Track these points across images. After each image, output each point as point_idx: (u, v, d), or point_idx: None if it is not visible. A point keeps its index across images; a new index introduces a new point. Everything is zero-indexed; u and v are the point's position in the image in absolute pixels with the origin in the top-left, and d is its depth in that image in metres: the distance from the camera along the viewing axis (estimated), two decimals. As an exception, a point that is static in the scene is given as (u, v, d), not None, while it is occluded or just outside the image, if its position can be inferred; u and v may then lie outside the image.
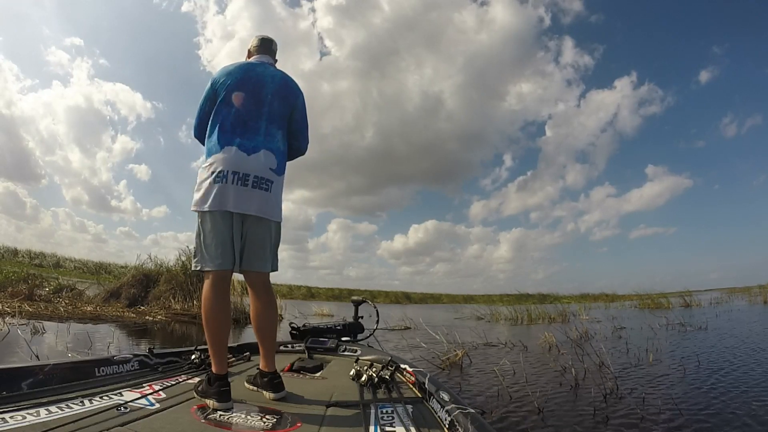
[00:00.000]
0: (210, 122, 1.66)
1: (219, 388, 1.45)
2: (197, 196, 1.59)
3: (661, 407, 2.39)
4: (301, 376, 2.02)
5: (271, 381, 1.60)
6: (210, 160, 1.59)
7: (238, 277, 1.77)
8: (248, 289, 1.69)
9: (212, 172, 1.56)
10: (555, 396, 2.69)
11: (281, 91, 1.72)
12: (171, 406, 1.40)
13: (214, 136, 1.61)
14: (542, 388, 2.84)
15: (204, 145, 1.68)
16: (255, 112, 1.65)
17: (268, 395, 1.58)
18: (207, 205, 1.56)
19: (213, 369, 1.52)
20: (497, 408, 2.41)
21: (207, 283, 1.56)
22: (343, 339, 2.84)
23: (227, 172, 1.55)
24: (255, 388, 1.65)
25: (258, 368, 1.68)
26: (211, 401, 1.43)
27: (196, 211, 1.60)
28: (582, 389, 2.84)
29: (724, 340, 5.03)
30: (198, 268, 1.60)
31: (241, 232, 1.59)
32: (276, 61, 1.89)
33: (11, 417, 1.16)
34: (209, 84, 1.70)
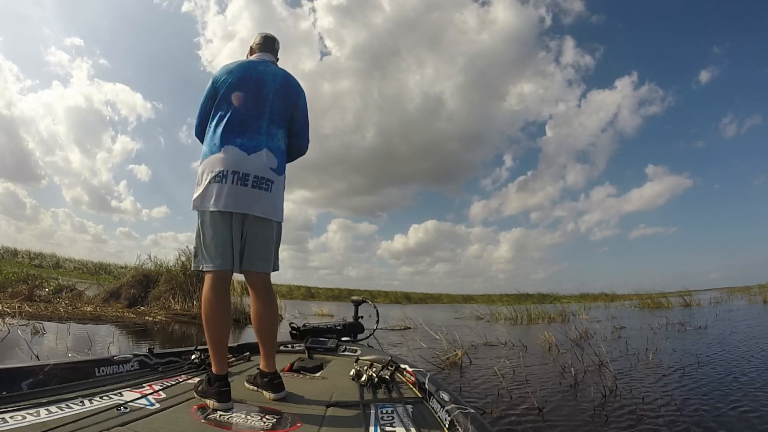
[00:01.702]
0: (210, 121, 1.64)
1: (219, 389, 1.44)
2: (196, 195, 1.58)
3: (661, 406, 2.39)
4: (301, 376, 2.02)
5: (271, 381, 1.60)
6: (209, 159, 1.58)
7: (238, 277, 1.77)
8: (249, 289, 1.69)
9: (212, 172, 1.55)
10: (555, 395, 2.69)
11: (282, 90, 1.71)
12: (171, 406, 1.40)
13: (214, 135, 1.60)
14: (542, 388, 2.84)
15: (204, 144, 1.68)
16: (256, 111, 1.63)
17: (268, 395, 1.58)
18: (206, 205, 1.55)
19: (213, 369, 1.51)
20: (497, 407, 2.41)
21: (207, 284, 1.55)
22: (343, 339, 2.84)
23: (227, 171, 1.54)
24: (255, 388, 1.65)
25: (258, 368, 1.68)
26: (211, 401, 1.43)
27: (196, 210, 1.59)
28: (582, 389, 2.85)
29: (723, 340, 5.03)
30: (198, 268, 1.59)
31: (241, 231, 1.59)
32: (278, 59, 1.88)
33: (11, 417, 1.16)
34: (210, 82, 1.69)
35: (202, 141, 1.70)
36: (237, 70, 1.68)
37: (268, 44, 1.85)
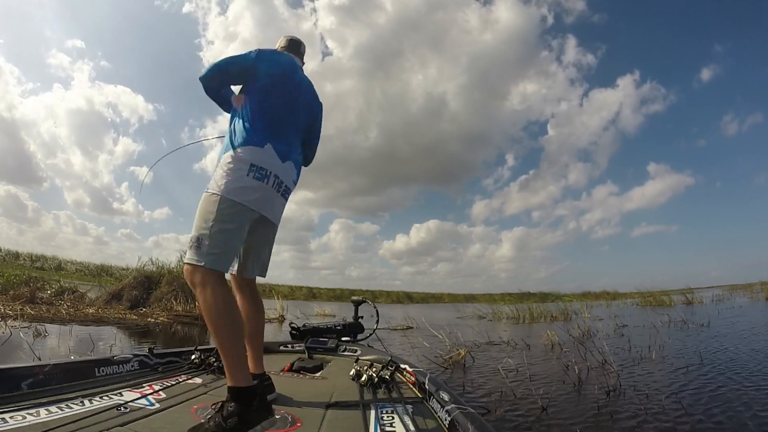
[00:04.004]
0: (247, 105, 1.49)
1: (262, 402, 1.22)
2: (236, 184, 1.38)
3: (665, 404, 2.38)
4: (301, 376, 2.01)
5: (261, 383, 1.57)
6: (250, 150, 1.42)
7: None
8: (236, 291, 1.64)
9: (254, 165, 1.41)
10: (558, 394, 2.68)
11: (310, 102, 1.67)
12: (171, 406, 1.40)
13: (253, 125, 1.45)
14: (545, 387, 2.83)
15: (211, 98, 1.57)
16: (287, 119, 1.57)
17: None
18: (245, 200, 1.38)
19: (242, 383, 1.22)
20: (501, 406, 2.40)
21: (217, 284, 1.31)
22: (343, 339, 2.83)
23: (269, 173, 1.43)
24: None
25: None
26: (265, 424, 1.20)
27: (228, 199, 1.36)
28: (585, 387, 2.83)
29: (726, 337, 5.01)
30: (201, 264, 1.32)
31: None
32: (303, 63, 1.81)
33: (11, 417, 1.16)
34: (254, 55, 1.52)
35: (210, 90, 1.57)
36: (286, 66, 1.59)
37: (295, 48, 1.76)
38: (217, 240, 1.34)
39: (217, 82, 1.56)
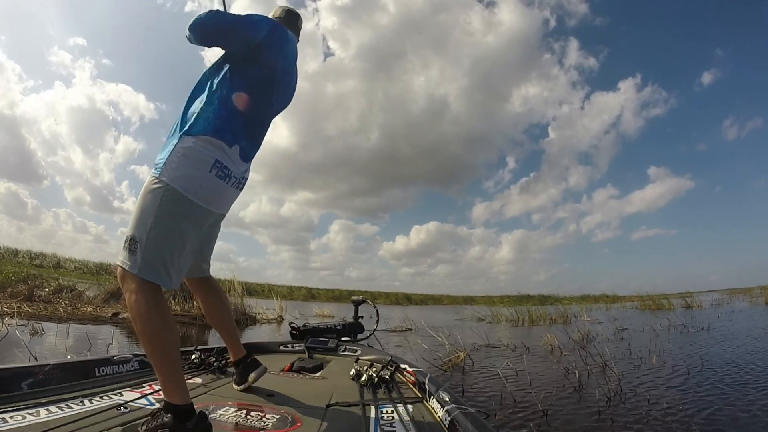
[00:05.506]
0: (229, 93, 1.27)
1: (199, 426, 1.11)
2: (192, 181, 1.19)
3: (666, 409, 2.37)
4: (301, 376, 2.01)
5: (245, 362, 1.61)
6: (217, 144, 1.23)
7: (239, 277, 1.76)
8: (195, 292, 1.58)
9: (218, 162, 1.23)
10: (559, 398, 2.67)
11: (290, 100, 1.53)
12: None
13: (232, 122, 1.27)
14: (546, 390, 2.82)
15: (198, 40, 1.26)
16: (268, 122, 1.43)
17: (252, 377, 1.60)
18: (204, 202, 1.22)
19: (178, 400, 1.11)
20: (501, 410, 2.39)
21: (151, 296, 1.14)
22: (343, 339, 2.83)
23: (231, 173, 1.28)
24: (245, 384, 1.63)
25: (232, 363, 1.66)
26: None
27: (182, 195, 1.18)
28: (586, 391, 2.82)
29: (726, 342, 5.00)
30: (133, 272, 1.14)
31: None
32: (297, 41, 1.56)
33: (11, 417, 1.15)
34: (265, 33, 1.29)
35: (204, 32, 1.26)
36: (292, 59, 1.41)
37: (292, 22, 1.52)
38: (155, 246, 1.14)
39: (207, 40, 1.29)
